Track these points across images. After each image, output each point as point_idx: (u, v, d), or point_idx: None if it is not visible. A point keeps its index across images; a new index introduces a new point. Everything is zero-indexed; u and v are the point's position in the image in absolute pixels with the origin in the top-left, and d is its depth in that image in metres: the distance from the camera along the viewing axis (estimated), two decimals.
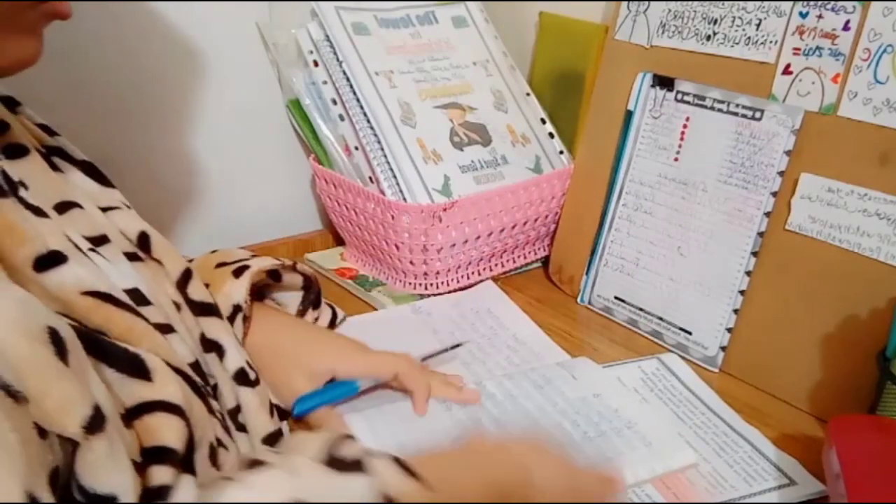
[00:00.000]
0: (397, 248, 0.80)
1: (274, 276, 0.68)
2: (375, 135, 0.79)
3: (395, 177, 0.78)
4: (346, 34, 0.81)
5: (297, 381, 0.60)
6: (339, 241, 0.95)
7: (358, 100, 0.80)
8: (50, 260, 0.41)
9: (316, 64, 0.82)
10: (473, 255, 0.83)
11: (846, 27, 0.64)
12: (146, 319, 0.45)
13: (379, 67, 0.82)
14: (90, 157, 0.55)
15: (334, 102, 0.82)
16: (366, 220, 0.82)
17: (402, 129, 0.80)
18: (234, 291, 0.60)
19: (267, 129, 0.90)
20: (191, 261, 0.65)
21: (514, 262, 0.90)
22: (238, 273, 0.62)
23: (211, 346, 0.54)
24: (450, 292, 0.84)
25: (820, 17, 0.66)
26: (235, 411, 0.54)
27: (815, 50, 0.66)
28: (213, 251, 0.68)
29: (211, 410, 0.47)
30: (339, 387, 0.60)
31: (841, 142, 0.64)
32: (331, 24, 0.81)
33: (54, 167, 0.50)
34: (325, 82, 0.82)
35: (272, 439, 0.56)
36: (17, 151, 0.48)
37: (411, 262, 0.80)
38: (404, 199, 0.78)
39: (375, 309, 0.81)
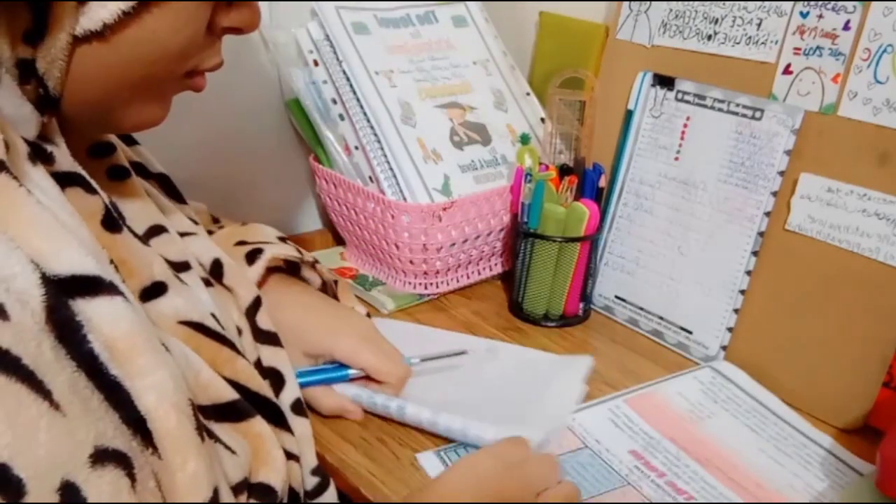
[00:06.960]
0: (397, 247, 0.80)
1: (291, 267, 0.67)
2: (375, 134, 0.79)
3: (395, 176, 0.78)
4: (346, 34, 0.81)
5: (295, 358, 0.60)
6: (339, 241, 0.95)
7: (358, 99, 0.80)
8: (153, 291, 0.43)
9: (316, 63, 0.82)
10: (473, 255, 0.83)
11: (846, 27, 0.64)
12: (231, 345, 0.46)
13: (379, 67, 0.82)
14: None
15: (334, 102, 0.82)
16: (366, 219, 0.82)
17: (402, 128, 0.80)
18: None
19: (267, 128, 0.90)
20: (212, 232, 0.65)
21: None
22: (251, 258, 0.61)
23: (267, 373, 0.53)
24: (450, 292, 0.84)
25: (820, 16, 0.66)
26: None
27: (815, 50, 0.66)
28: (244, 223, 0.67)
29: None
30: (333, 371, 0.62)
31: (841, 142, 0.64)
32: (331, 24, 0.81)
33: None
34: (325, 82, 0.82)
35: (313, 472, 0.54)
36: (119, 174, 0.49)
37: (411, 262, 0.80)
38: (404, 198, 0.78)
39: (376, 309, 0.81)
